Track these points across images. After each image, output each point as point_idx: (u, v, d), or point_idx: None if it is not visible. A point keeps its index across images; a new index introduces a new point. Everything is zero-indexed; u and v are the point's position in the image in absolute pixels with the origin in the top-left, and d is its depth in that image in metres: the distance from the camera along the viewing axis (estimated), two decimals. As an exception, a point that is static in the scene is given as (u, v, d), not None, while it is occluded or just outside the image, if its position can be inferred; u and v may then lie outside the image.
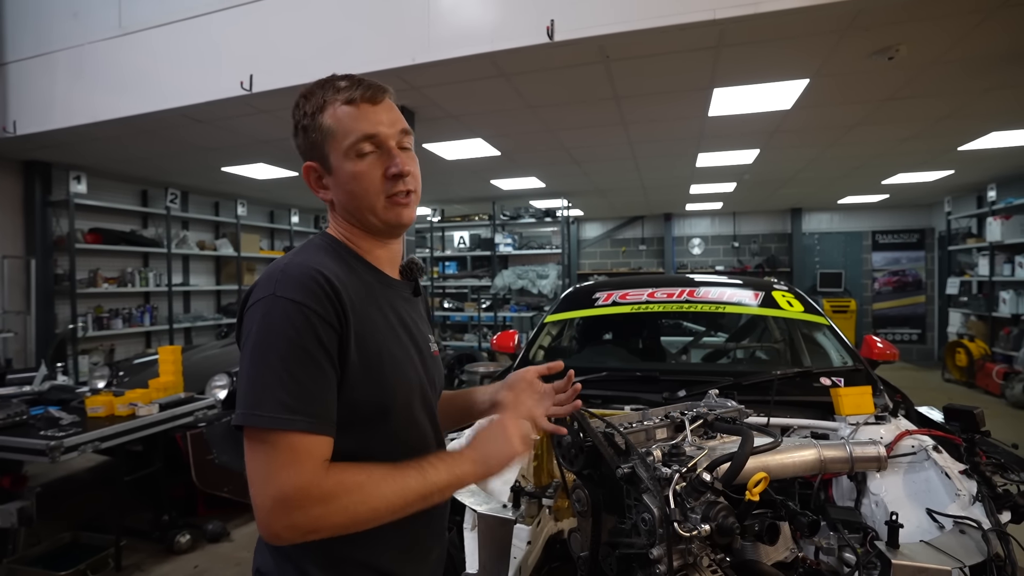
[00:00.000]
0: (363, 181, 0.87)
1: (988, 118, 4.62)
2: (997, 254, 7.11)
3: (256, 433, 0.74)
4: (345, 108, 0.86)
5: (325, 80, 0.90)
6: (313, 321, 0.77)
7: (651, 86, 3.75)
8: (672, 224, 10.80)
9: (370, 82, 0.89)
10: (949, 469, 1.40)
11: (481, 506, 1.41)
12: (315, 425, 0.75)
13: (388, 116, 0.89)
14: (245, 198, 7.72)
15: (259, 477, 0.73)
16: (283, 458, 0.73)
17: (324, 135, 0.87)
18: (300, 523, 0.72)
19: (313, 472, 0.73)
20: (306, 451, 0.74)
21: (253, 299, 0.80)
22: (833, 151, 5.70)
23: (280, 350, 0.75)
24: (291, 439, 0.73)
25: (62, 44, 4.14)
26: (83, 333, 5.74)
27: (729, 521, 0.92)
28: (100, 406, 2.88)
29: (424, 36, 3.15)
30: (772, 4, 2.57)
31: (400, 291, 0.97)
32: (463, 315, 8.85)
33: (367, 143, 0.87)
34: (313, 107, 0.88)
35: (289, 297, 0.77)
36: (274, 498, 0.72)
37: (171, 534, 3.08)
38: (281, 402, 0.73)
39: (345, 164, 0.87)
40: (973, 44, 3.12)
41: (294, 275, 0.79)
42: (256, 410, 0.73)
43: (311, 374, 0.76)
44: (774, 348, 2.78)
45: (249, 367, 0.76)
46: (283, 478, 0.72)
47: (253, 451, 0.74)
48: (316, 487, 0.72)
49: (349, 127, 0.86)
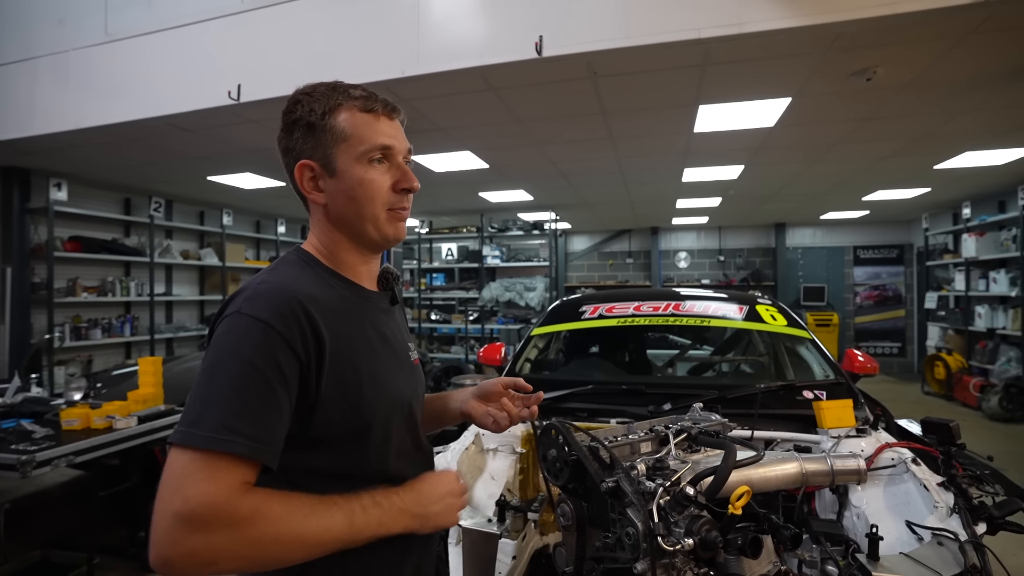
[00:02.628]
0: (370, 188, 0.87)
1: (961, 138, 4.76)
2: (972, 270, 7.28)
3: (182, 446, 0.69)
4: (364, 116, 0.87)
5: (334, 84, 0.90)
6: (274, 343, 0.74)
7: (638, 102, 3.81)
8: (659, 238, 10.91)
9: (386, 98, 0.91)
10: (927, 481, 1.43)
11: (466, 520, 1.40)
12: (250, 449, 0.70)
13: (400, 133, 0.92)
14: (231, 207, 7.65)
15: (166, 490, 0.66)
16: (200, 473, 0.67)
17: (335, 136, 0.86)
18: (199, 549, 0.64)
19: (228, 491, 0.67)
20: (227, 469, 0.68)
21: (224, 314, 0.79)
22: (815, 168, 5.82)
23: (232, 369, 0.72)
24: (214, 457, 0.68)
25: (46, 50, 4.09)
26: (60, 343, 5.61)
27: (712, 535, 0.93)
28: (76, 419, 2.81)
29: (414, 49, 3.17)
30: (755, 25, 2.63)
31: (378, 303, 0.96)
32: (450, 327, 8.82)
33: (381, 153, 0.88)
34: (324, 107, 0.87)
35: (254, 315, 0.75)
36: (176, 514, 0.64)
37: (147, 552, 2.98)
38: (222, 422, 0.69)
39: (355, 168, 0.87)
40: (945, 68, 3.23)
41: (265, 294, 0.78)
42: (194, 428, 0.69)
43: (260, 395, 0.72)
44: (758, 361, 2.81)
45: (199, 383, 0.73)
46: (193, 491, 0.65)
47: (170, 463, 0.68)
48: (228, 507, 0.66)
49: (366, 134, 0.87)
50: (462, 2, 3.12)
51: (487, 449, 1.88)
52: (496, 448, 1.88)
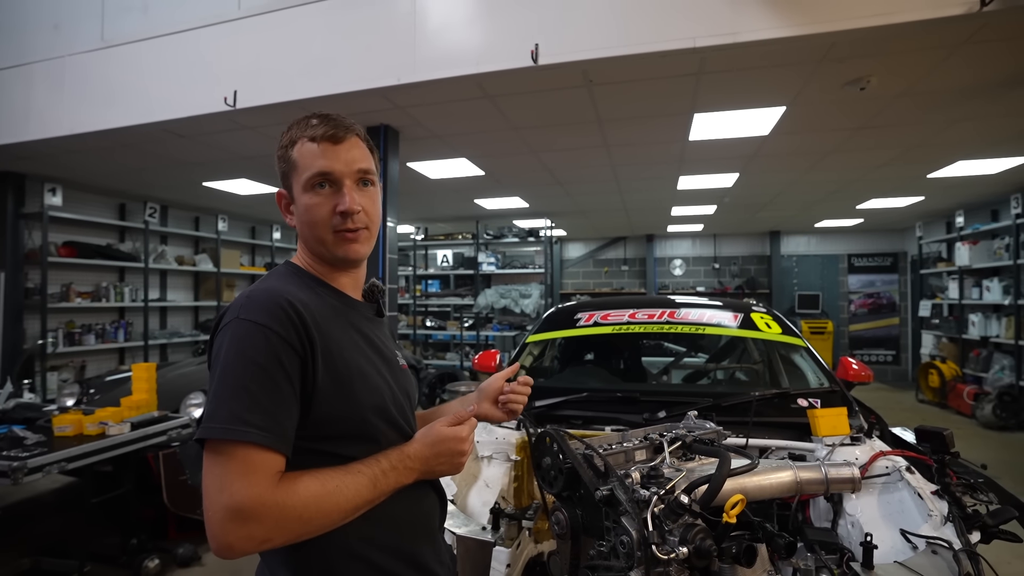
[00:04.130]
0: (313, 214, 0.93)
1: (954, 148, 4.81)
2: (966, 278, 7.33)
3: (212, 445, 0.77)
4: (309, 145, 0.93)
5: (304, 117, 0.96)
6: (275, 343, 0.81)
7: (633, 110, 3.84)
8: (654, 245, 10.94)
9: (338, 121, 0.95)
10: (921, 490, 1.43)
11: (460, 528, 1.39)
12: (267, 439, 0.77)
13: (347, 155, 0.94)
14: (226, 213, 7.64)
15: (213, 488, 0.75)
16: (237, 469, 0.75)
17: (290, 167, 0.95)
18: (256, 534, 0.74)
19: (266, 484, 0.76)
20: (259, 464, 0.77)
21: (222, 324, 0.85)
22: (810, 176, 5.86)
23: (240, 369, 0.79)
24: (244, 452, 0.76)
25: (42, 55, 4.09)
26: (53, 349, 5.57)
27: (707, 543, 0.93)
28: (68, 425, 2.79)
29: (410, 56, 3.19)
30: (750, 34, 2.66)
31: (364, 312, 1.03)
32: (445, 334, 8.80)
33: (322, 179, 0.92)
34: (287, 140, 0.95)
35: (253, 320, 0.82)
36: (227, 508, 0.74)
37: (139, 559, 2.97)
38: (235, 415, 0.77)
39: (303, 197, 0.94)
40: (939, 78, 3.26)
41: (259, 300, 0.84)
42: (211, 422, 0.77)
43: (268, 392, 0.79)
44: (753, 369, 2.81)
45: (213, 386, 0.81)
46: (236, 488, 0.74)
47: (208, 463, 0.77)
48: (268, 496, 0.75)
49: (308, 163, 0.92)
50: (458, 10, 3.13)
51: (482, 457, 1.88)
52: (491, 456, 1.87)
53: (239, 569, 3.08)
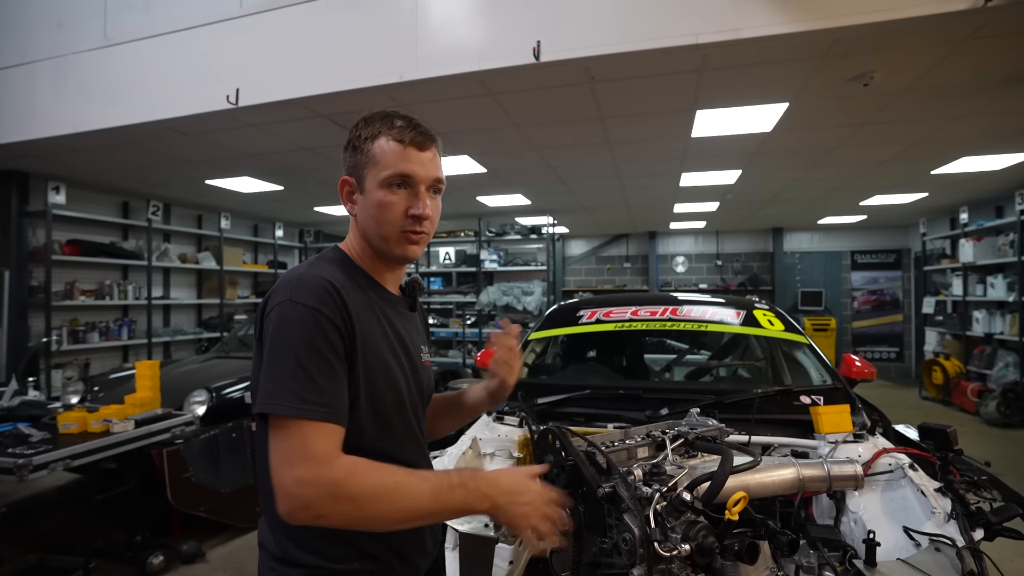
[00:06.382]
0: (386, 211, 0.98)
1: (958, 144, 4.78)
2: (970, 275, 7.30)
3: (278, 420, 0.83)
4: (395, 145, 0.98)
5: (387, 113, 1.02)
6: (323, 324, 0.87)
7: (636, 107, 3.82)
8: (656, 242, 10.92)
9: (424, 130, 1.01)
10: (925, 487, 1.43)
11: (462, 525, 1.40)
12: (326, 414, 0.84)
13: (429, 163, 1.01)
14: (229, 211, 7.65)
15: (280, 459, 0.82)
16: (299, 443, 0.81)
17: (368, 160, 0.99)
18: (312, 505, 0.79)
19: (324, 454, 0.82)
20: (322, 438, 0.83)
21: (271, 305, 0.90)
22: (813, 173, 5.84)
23: (294, 349, 0.85)
24: (305, 427, 0.82)
25: (45, 54, 4.10)
26: (57, 347, 5.60)
27: (709, 541, 0.93)
28: (72, 422, 2.80)
29: (412, 54, 3.18)
30: (752, 30, 2.64)
31: (397, 305, 1.08)
32: (448, 331, 8.80)
33: (401, 180, 0.98)
34: (368, 133, 1.00)
35: (303, 302, 0.87)
36: (290, 479, 0.80)
37: (143, 555, 2.99)
38: (295, 393, 0.83)
39: (377, 192, 0.98)
40: (942, 74, 3.24)
41: (308, 283, 0.90)
42: (274, 400, 0.83)
43: (322, 370, 0.85)
44: (755, 366, 2.81)
45: (267, 364, 0.86)
46: (298, 459, 0.81)
47: (275, 437, 0.83)
48: (326, 474, 0.80)
49: (390, 161, 0.98)
50: (460, 7, 3.13)
51: (484, 453, 1.88)
52: (493, 452, 1.87)
53: (243, 564, 3.10)
